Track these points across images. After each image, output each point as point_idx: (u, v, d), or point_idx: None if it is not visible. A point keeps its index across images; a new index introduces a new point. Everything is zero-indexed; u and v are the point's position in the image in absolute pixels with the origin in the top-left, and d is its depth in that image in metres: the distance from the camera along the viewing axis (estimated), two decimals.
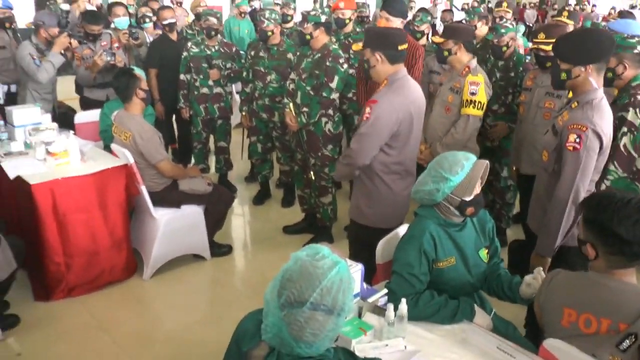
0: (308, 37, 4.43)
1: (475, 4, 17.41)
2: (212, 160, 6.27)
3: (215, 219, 4.51)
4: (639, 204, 1.98)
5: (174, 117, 6.24)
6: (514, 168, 4.29)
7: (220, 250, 4.66)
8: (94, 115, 5.14)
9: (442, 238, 2.44)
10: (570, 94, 3.08)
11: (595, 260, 2.06)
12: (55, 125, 4.62)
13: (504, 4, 6.60)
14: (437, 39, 4.02)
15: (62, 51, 5.19)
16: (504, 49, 4.50)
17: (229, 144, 5.94)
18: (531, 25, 14.55)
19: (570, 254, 2.80)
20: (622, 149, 3.03)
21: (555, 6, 19.51)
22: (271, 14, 5.04)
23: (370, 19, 6.30)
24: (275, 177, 6.10)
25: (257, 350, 1.60)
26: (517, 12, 17.58)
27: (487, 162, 2.47)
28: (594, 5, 17.63)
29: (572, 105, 2.82)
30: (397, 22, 4.36)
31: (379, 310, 2.26)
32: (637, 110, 3.01)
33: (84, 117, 5.20)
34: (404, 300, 2.19)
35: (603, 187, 2.99)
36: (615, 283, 2.01)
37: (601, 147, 2.72)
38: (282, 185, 5.92)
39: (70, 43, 5.21)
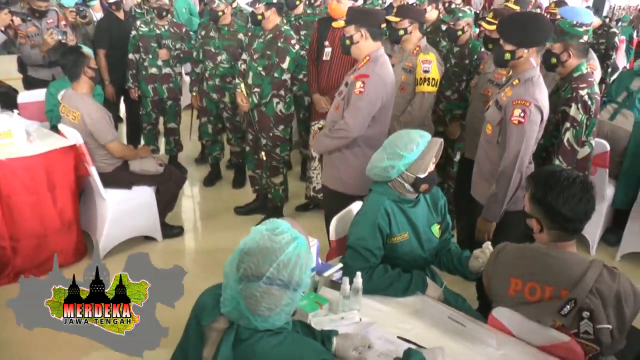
0: (260, 17, 4.40)
1: None
2: (161, 142, 6.20)
3: (167, 200, 4.47)
4: (583, 182, 2.10)
5: (122, 97, 6.12)
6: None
7: (172, 231, 4.63)
8: (39, 94, 4.98)
9: (396, 214, 2.51)
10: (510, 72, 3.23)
11: (540, 234, 2.16)
12: None
13: None
14: (393, 19, 4.07)
15: (3, 29, 5.01)
16: (459, 33, 4.48)
17: (179, 125, 5.88)
18: (478, 12, 14.75)
19: (510, 217, 3.01)
20: (565, 144, 3.21)
21: None
22: None
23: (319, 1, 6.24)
24: (226, 159, 6.07)
25: (216, 324, 1.62)
26: (486, 1, 17.79)
27: (442, 140, 2.55)
28: None
29: (514, 82, 2.99)
30: (348, 4, 4.40)
31: (334, 285, 2.31)
32: (579, 105, 3.18)
33: (28, 96, 5.04)
34: (359, 273, 2.24)
35: None
36: (558, 253, 2.11)
37: (542, 120, 2.90)
38: (232, 166, 5.91)
39: (12, 20, 5.02)
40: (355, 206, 2.83)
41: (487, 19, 4.03)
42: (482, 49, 4.61)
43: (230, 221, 4.99)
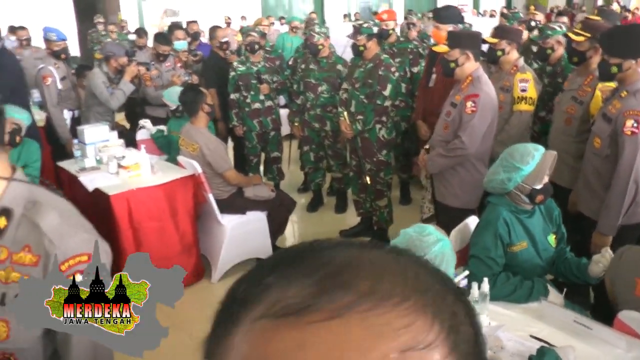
0: (362, 48, 4.63)
1: (495, 12, 17.58)
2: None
3: (278, 224, 4.72)
4: None
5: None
6: None
7: None
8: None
9: (514, 224, 2.62)
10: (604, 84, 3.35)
11: None
12: (122, 141, 4.92)
13: (531, 7, 6.83)
14: (491, 40, 4.19)
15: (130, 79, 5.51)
16: (549, 51, 4.52)
17: (282, 153, 6.17)
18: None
19: (626, 231, 3.04)
20: None
21: (584, 8, 19.50)
22: (320, 28, 5.28)
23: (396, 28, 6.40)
24: (326, 185, 6.29)
25: None
26: (545, 17, 17.60)
27: (555, 152, 2.64)
28: (623, 6, 17.51)
29: (622, 94, 3.02)
30: (448, 29, 4.54)
31: None
32: None
33: (146, 133, 5.47)
34: (485, 279, 2.36)
35: None
36: None
37: None
38: (333, 192, 6.11)
39: (138, 71, 5.56)
40: (471, 220, 2.96)
41: (575, 30, 3.98)
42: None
43: None
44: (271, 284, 0.49)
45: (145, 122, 5.23)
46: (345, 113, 4.80)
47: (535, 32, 5.52)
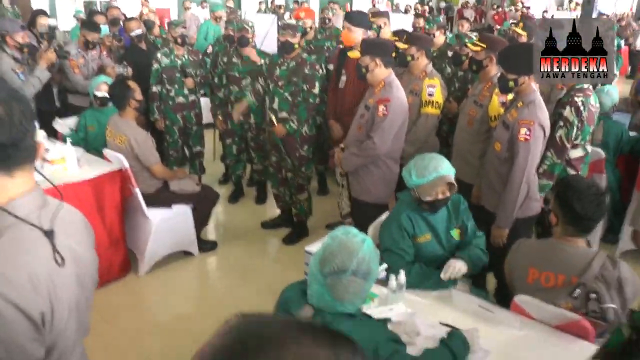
0: (296, 46, 4.79)
1: (410, 7, 18.20)
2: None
3: (203, 217, 4.87)
4: (598, 191, 2.53)
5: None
6: None
7: (207, 245, 5.02)
8: (73, 122, 5.27)
9: (417, 219, 2.96)
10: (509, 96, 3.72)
11: (556, 227, 2.61)
12: (43, 133, 4.83)
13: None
14: (402, 45, 4.48)
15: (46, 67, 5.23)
16: (463, 58, 4.84)
17: (204, 148, 6.28)
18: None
19: (520, 223, 3.46)
20: (557, 140, 3.62)
21: (495, 5, 20.53)
22: (252, 23, 5.43)
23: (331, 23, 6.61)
24: (247, 177, 6.47)
25: (303, 312, 2.02)
26: (455, 12, 18.47)
27: (452, 182, 2.91)
28: (528, 8, 18.47)
29: (518, 104, 3.43)
30: (359, 32, 4.80)
31: (380, 282, 2.72)
32: (572, 108, 3.61)
33: (63, 123, 5.30)
34: (402, 271, 2.65)
35: (541, 170, 3.57)
36: (569, 247, 2.55)
37: (544, 136, 3.36)
38: (253, 183, 6.29)
39: (57, 58, 5.31)
40: (386, 216, 3.26)
41: (474, 42, 4.28)
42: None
43: (257, 235, 5.41)
44: None
45: (58, 124, 5.11)
46: (270, 113, 4.93)
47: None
